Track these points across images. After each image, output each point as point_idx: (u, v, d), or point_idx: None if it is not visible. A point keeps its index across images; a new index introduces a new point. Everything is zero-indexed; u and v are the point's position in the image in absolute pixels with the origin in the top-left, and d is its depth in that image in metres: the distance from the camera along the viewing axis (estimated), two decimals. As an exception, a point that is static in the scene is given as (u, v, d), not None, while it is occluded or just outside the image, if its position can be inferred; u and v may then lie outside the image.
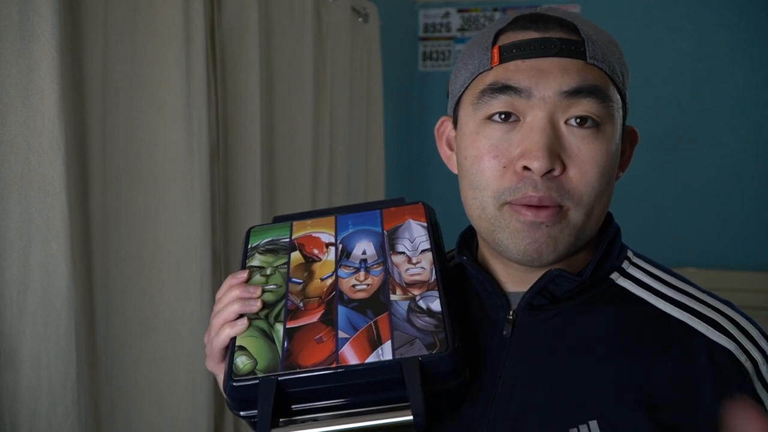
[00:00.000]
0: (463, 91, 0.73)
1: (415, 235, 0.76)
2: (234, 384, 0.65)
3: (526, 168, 0.66)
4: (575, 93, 0.66)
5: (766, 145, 2.98)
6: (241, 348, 0.68)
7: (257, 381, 0.64)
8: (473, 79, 0.72)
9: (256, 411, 0.63)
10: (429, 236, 0.76)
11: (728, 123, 3.02)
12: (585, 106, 0.67)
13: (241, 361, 0.66)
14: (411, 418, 0.60)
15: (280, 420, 0.63)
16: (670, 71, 2.99)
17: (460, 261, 0.77)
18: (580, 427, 0.66)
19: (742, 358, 0.66)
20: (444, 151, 0.81)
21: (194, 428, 1.47)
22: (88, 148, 1.26)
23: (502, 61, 0.69)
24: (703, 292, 0.73)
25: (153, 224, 1.40)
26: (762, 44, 2.95)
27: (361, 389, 0.64)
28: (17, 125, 1.08)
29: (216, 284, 1.52)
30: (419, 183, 3.41)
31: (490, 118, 0.69)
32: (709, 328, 0.68)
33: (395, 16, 3.06)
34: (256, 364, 0.66)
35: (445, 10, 3.43)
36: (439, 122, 0.81)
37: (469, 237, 0.81)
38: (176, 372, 1.44)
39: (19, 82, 1.07)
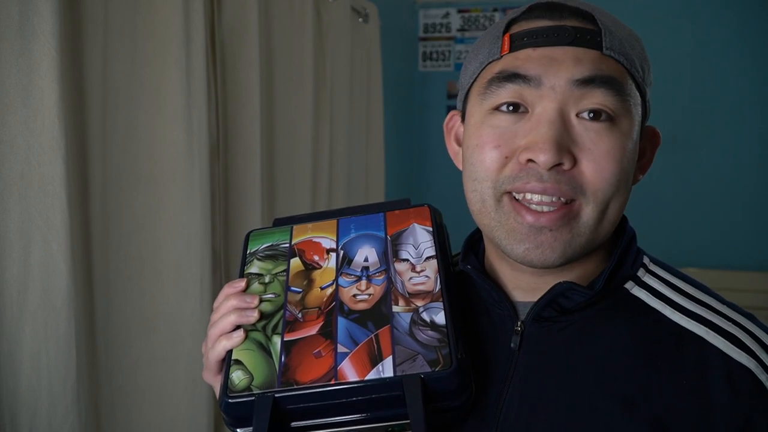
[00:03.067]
0: (472, 83, 0.70)
1: (419, 241, 0.72)
2: (229, 401, 0.62)
3: (530, 161, 0.62)
4: (588, 82, 0.62)
5: (766, 145, 2.98)
6: (237, 362, 0.65)
7: (253, 398, 0.61)
8: (482, 69, 0.68)
9: (252, 428, 0.61)
10: (434, 242, 0.72)
11: (728, 123, 3.02)
12: (599, 98, 0.62)
13: (237, 377, 0.64)
14: None
15: None
16: (670, 71, 2.98)
17: (464, 269, 0.73)
18: None
19: (763, 377, 0.62)
20: (452, 147, 0.76)
21: (194, 428, 1.47)
22: (88, 148, 1.26)
23: (512, 49, 0.65)
24: (724, 303, 0.68)
25: (153, 224, 1.40)
26: (762, 44, 2.94)
27: (360, 407, 0.61)
28: (17, 125, 1.08)
29: (216, 284, 1.53)
30: (419, 183, 3.41)
31: (497, 108, 0.65)
32: (728, 344, 0.63)
33: (395, 16, 3.06)
34: (252, 379, 0.63)
35: (445, 10, 3.43)
36: (448, 117, 0.77)
37: (475, 241, 0.77)
38: (176, 372, 1.44)
39: (19, 82, 1.07)
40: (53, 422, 1.12)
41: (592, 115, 0.63)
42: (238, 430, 0.64)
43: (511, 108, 0.65)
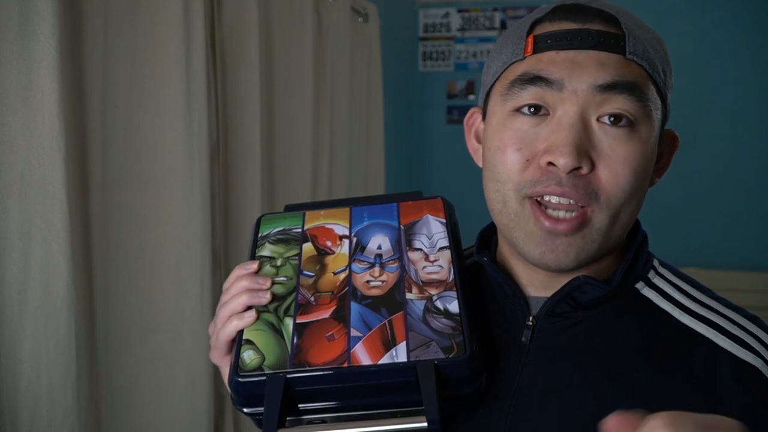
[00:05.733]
0: (494, 82, 0.70)
1: (433, 232, 0.73)
2: (240, 379, 0.62)
3: (550, 164, 0.63)
4: (610, 88, 0.63)
5: (766, 145, 2.98)
6: (249, 342, 0.64)
7: (264, 377, 0.61)
8: (505, 70, 0.68)
9: (261, 408, 0.60)
10: (447, 233, 0.72)
11: (728, 123, 3.02)
12: (620, 103, 0.63)
13: (248, 356, 0.63)
14: (425, 424, 0.57)
15: (287, 419, 0.60)
16: (670, 71, 2.98)
17: (479, 261, 0.73)
18: None
19: None
20: (471, 144, 0.77)
21: (194, 428, 1.47)
22: (88, 148, 1.26)
23: (536, 51, 0.65)
24: (729, 307, 0.69)
25: (153, 224, 1.40)
26: (762, 44, 2.95)
27: (372, 391, 0.61)
28: (17, 125, 1.07)
29: (216, 284, 1.53)
30: (419, 183, 3.41)
31: (518, 110, 0.66)
32: (734, 344, 0.65)
33: (395, 16, 3.06)
34: (264, 359, 0.62)
35: (445, 10, 3.43)
36: (469, 113, 0.77)
37: (489, 235, 0.78)
38: (176, 372, 1.44)
39: (19, 82, 1.07)
40: (53, 422, 1.12)
41: (612, 119, 0.64)
42: (245, 409, 0.63)
43: (532, 110, 0.65)
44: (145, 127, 1.37)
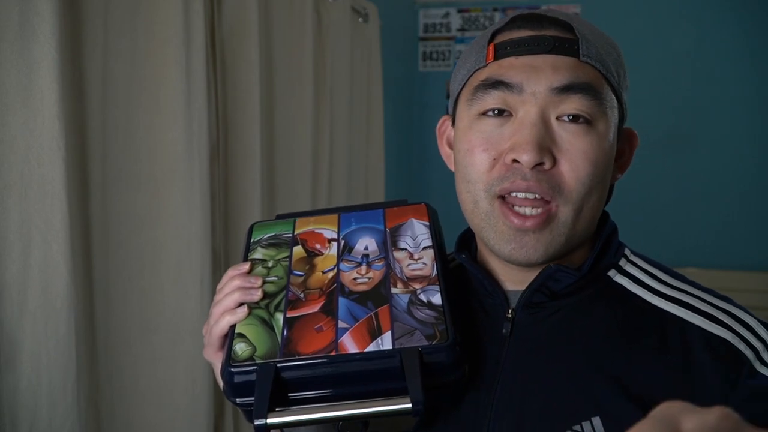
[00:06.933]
0: (461, 89, 0.75)
1: (417, 233, 0.77)
2: (232, 370, 0.65)
3: (515, 161, 0.67)
4: (566, 89, 0.67)
5: (765, 145, 2.98)
6: (241, 335, 0.68)
7: (255, 367, 0.64)
8: (470, 77, 0.73)
9: (252, 398, 0.62)
10: (431, 234, 0.76)
11: (728, 123, 3.02)
12: (576, 103, 0.67)
13: (240, 348, 0.66)
14: (409, 406, 0.60)
15: (277, 408, 0.63)
16: (670, 71, 2.98)
17: (458, 259, 0.77)
18: (583, 424, 0.66)
19: (741, 346, 0.66)
20: (444, 150, 0.82)
21: (194, 428, 1.47)
22: (88, 148, 1.26)
23: (496, 58, 0.70)
24: (700, 289, 0.73)
25: (153, 224, 1.40)
26: (762, 44, 2.94)
27: (359, 378, 0.63)
28: (17, 125, 1.08)
29: (216, 284, 1.53)
30: (419, 183, 3.41)
31: (484, 113, 0.70)
32: (705, 320, 0.68)
33: (395, 16, 3.06)
34: (255, 350, 0.66)
35: (445, 10, 3.43)
36: (440, 122, 0.82)
37: (468, 238, 0.81)
38: (176, 372, 1.44)
39: (19, 82, 1.07)
40: (53, 422, 1.12)
41: (570, 117, 0.68)
42: (237, 400, 0.66)
43: (496, 112, 0.70)
44: (145, 127, 1.37)
